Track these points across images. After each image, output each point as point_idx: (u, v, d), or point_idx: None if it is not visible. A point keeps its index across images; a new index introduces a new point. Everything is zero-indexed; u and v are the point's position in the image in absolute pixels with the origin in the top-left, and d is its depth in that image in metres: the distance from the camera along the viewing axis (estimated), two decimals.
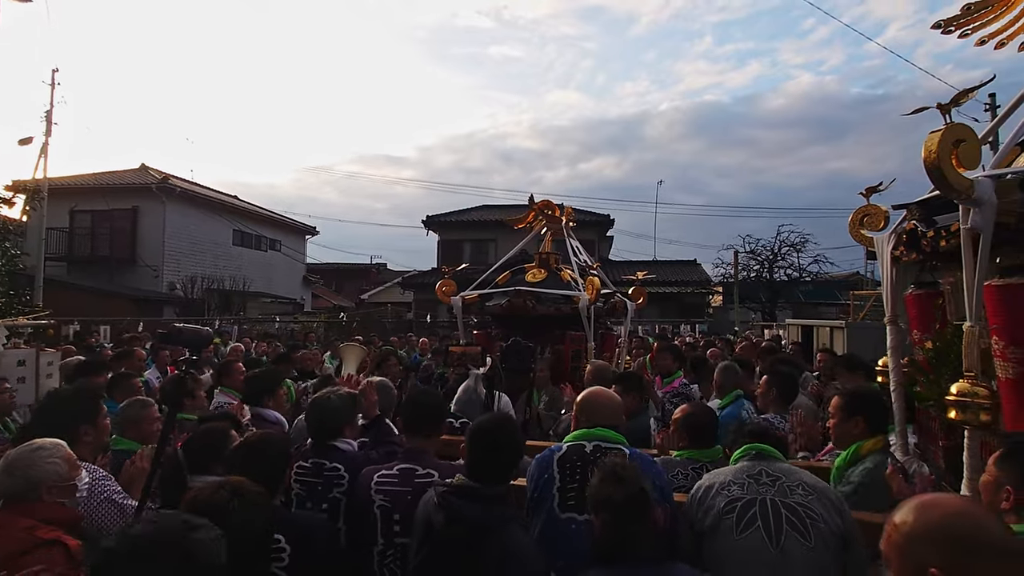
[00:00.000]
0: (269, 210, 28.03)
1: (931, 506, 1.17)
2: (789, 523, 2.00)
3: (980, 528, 1.10)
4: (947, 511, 1.14)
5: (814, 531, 1.98)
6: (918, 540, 1.13)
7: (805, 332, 11.03)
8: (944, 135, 1.94)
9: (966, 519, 1.12)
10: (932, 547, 1.11)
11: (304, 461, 2.82)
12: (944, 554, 1.09)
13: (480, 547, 1.95)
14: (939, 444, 2.79)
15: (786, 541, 1.97)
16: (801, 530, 1.98)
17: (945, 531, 1.11)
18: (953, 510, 1.15)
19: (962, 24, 2.69)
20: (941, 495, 1.36)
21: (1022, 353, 1.96)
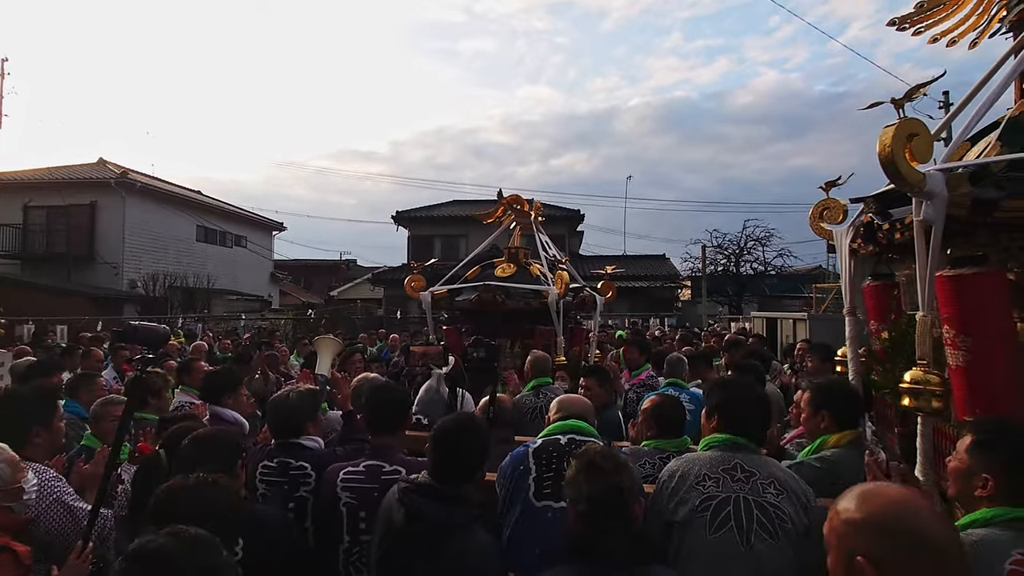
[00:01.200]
0: (234, 205, 27.45)
1: (872, 495, 1.16)
2: (759, 523, 2.03)
3: (914, 521, 1.08)
4: (886, 501, 1.13)
5: (782, 531, 2.02)
6: (852, 527, 1.12)
7: (770, 324, 11.28)
8: (898, 129, 1.98)
9: (902, 511, 1.10)
10: (864, 535, 1.10)
11: (269, 461, 2.77)
12: (873, 544, 1.08)
13: (439, 547, 1.94)
14: (894, 431, 2.87)
15: (756, 541, 2.00)
16: (770, 530, 2.02)
17: (879, 521, 1.10)
18: (892, 500, 1.13)
19: (916, 21, 2.77)
20: (884, 485, 1.36)
21: (971, 342, 2.02)
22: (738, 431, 2.25)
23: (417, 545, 1.97)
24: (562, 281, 5.65)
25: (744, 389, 2.40)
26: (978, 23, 2.70)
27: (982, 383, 2.03)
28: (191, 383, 4.74)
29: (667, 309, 23.05)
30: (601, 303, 6.63)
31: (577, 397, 2.69)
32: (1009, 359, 2.05)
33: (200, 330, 13.39)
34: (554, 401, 2.71)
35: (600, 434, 2.66)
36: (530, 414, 3.96)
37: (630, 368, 5.40)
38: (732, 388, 2.43)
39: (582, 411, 2.57)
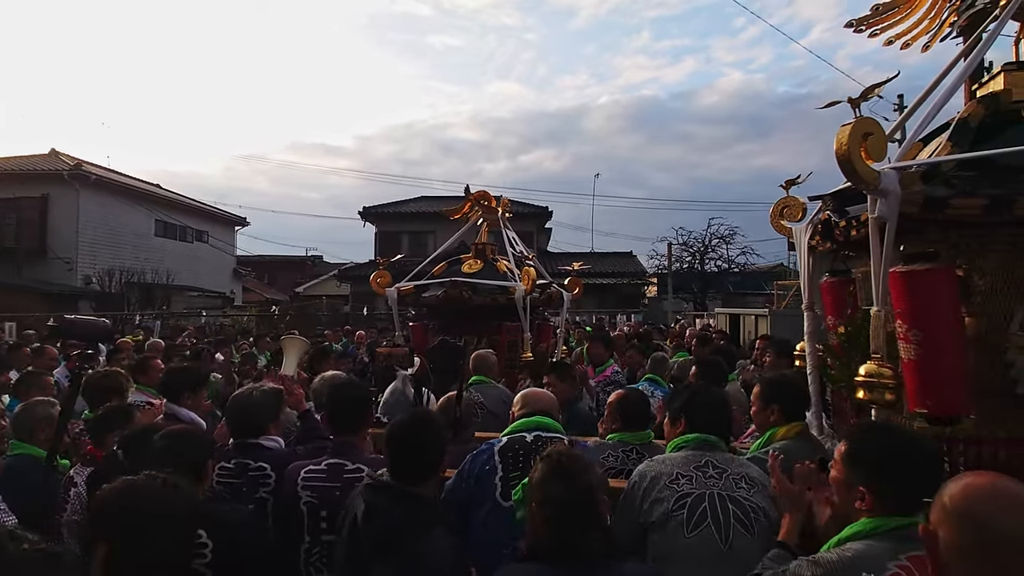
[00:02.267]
0: (195, 199, 26.76)
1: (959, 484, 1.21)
2: (736, 518, 2.06)
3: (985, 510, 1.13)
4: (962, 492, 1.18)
5: (757, 526, 2.06)
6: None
7: (732, 320, 11.51)
8: (854, 128, 2.03)
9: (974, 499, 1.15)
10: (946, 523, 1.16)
11: (227, 462, 2.70)
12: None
13: (397, 547, 1.90)
14: (850, 423, 2.94)
15: (735, 538, 2.03)
16: (746, 524, 2.06)
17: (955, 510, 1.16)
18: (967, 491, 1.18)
19: (872, 24, 2.84)
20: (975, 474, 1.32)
21: (923, 336, 2.08)
22: (707, 430, 2.29)
23: (376, 544, 1.94)
24: (529, 277, 5.65)
25: (708, 392, 2.50)
26: (930, 27, 2.78)
27: (932, 375, 2.09)
28: (147, 382, 4.60)
29: (634, 306, 23.31)
30: (568, 299, 6.65)
31: (541, 391, 2.67)
32: (957, 352, 2.12)
33: (157, 328, 12.99)
34: (518, 395, 2.68)
35: (570, 429, 2.68)
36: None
37: (594, 364, 5.43)
38: (696, 391, 2.51)
39: (547, 406, 2.56)
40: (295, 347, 3.91)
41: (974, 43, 2.48)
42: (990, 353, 2.26)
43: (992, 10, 2.54)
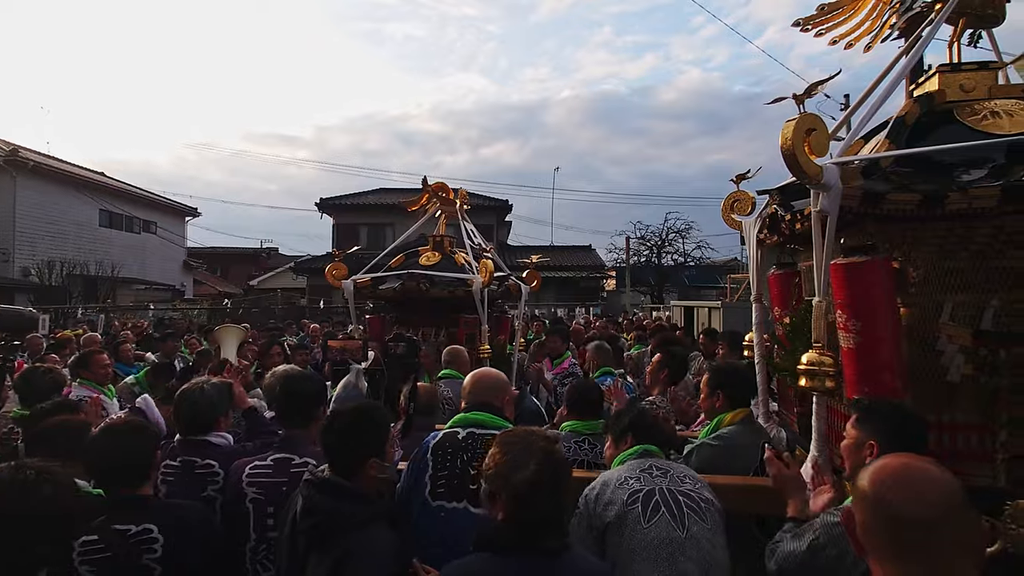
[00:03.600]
0: (142, 188, 25.78)
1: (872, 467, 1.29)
2: (689, 508, 2.10)
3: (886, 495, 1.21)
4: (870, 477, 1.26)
5: (708, 514, 2.11)
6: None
7: (687, 313, 11.78)
8: (797, 124, 2.08)
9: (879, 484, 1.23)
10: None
11: (172, 460, 2.63)
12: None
13: (333, 543, 1.87)
14: (794, 410, 3.05)
15: (691, 524, 2.07)
16: (700, 512, 2.10)
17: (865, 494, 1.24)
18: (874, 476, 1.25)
19: (818, 23, 2.92)
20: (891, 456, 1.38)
21: (861, 325, 2.16)
22: (648, 442, 2.35)
23: (312, 540, 1.91)
24: (487, 270, 5.64)
25: (645, 410, 2.58)
26: (872, 28, 2.87)
27: (869, 363, 2.18)
28: (90, 376, 4.44)
29: (592, 298, 23.59)
30: (526, 292, 6.67)
31: (488, 371, 2.60)
32: (894, 341, 2.20)
33: (101, 321, 12.48)
34: (467, 378, 2.60)
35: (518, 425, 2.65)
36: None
37: (551, 357, 5.47)
38: (638, 409, 2.56)
39: (490, 387, 2.47)
40: (231, 336, 3.82)
41: (912, 44, 2.59)
42: (923, 342, 2.36)
43: (928, 13, 2.65)
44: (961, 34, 2.64)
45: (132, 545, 1.99)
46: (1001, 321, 2.19)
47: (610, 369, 4.72)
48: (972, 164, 2.28)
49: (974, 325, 2.22)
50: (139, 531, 2.02)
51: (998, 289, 2.24)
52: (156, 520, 2.06)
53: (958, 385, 2.24)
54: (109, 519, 2.04)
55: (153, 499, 2.23)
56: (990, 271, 2.26)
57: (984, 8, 2.55)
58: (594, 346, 5.17)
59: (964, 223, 2.23)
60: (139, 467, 2.18)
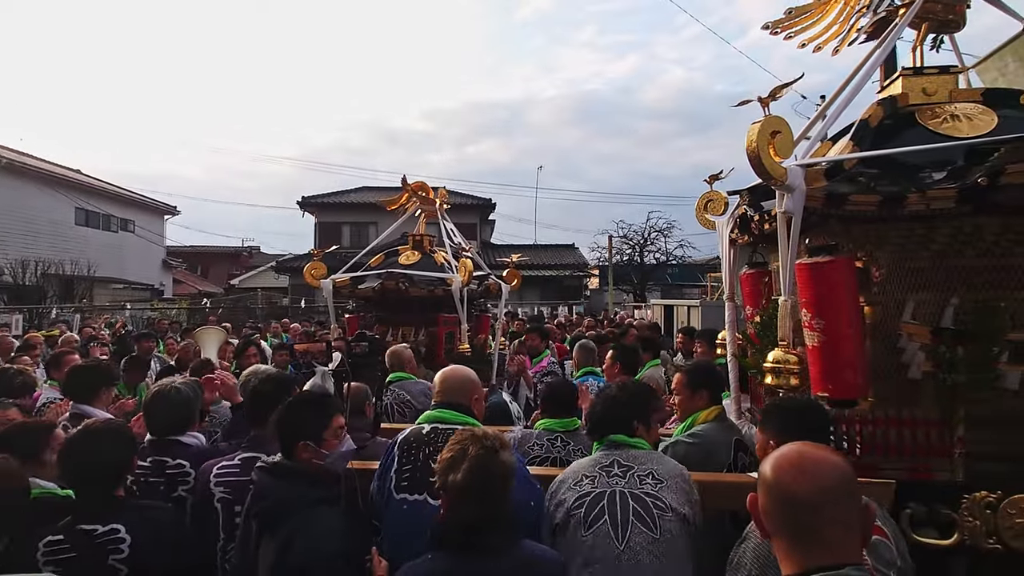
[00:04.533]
0: (119, 186, 25.36)
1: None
2: (636, 515, 2.00)
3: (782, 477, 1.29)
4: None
5: (661, 522, 1.99)
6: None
7: (667, 311, 11.89)
8: (762, 126, 2.13)
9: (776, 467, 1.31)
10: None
11: (142, 460, 2.61)
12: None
13: (280, 524, 1.93)
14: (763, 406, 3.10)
15: (632, 535, 1.97)
16: (647, 521, 1.99)
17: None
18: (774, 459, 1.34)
19: (787, 27, 2.96)
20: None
21: (825, 323, 2.21)
22: (612, 431, 2.28)
23: (262, 523, 1.96)
24: (466, 269, 5.65)
25: (607, 396, 2.47)
26: (840, 31, 2.92)
27: (833, 361, 2.23)
28: (60, 378, 4.37)
29: (575, 297, 23.68)
30: (507, 291, 6.69)
31: (456, 369, 2.60)
32: (857, 339, 2.25)
33: (76, 322, 12.28)
34: (436, 377, 2.60)
35: (486, 423, 2.65)
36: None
37: (530, 355, 5.49)
38: (599, 399, 2.50)
39: (456, 385, 2.47)
40: (212, 337, 3.80)
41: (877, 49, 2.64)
42: (886, 340, 2.41)
43: (893, 18, 2.71)
44: (924, 39, 2.70)
45: (98, 545, 1.98)
46: (960, 319, 2.25)
47: (594, 369, 4.75)
48: (935, 166, 2.34)
49: (935, 323, 2.28)
50: (106, 531, 2.01)
51: (957, 288, 2.30)
52: (124, 520, 2.06)
53: (919, 382, 2.30)
54: (76, 519, 2.04)
55: (123, 500, 2.21)
56: (950, 270, 2.33)
57: (946, 14, 2.61)
58: (578, 345, 5.22)
59: (925, 224, 2.28)
60: (115, 469, 2.18)
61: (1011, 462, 2.18)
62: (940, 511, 2.12)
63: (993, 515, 2.07)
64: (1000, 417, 2.21)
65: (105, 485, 2.13)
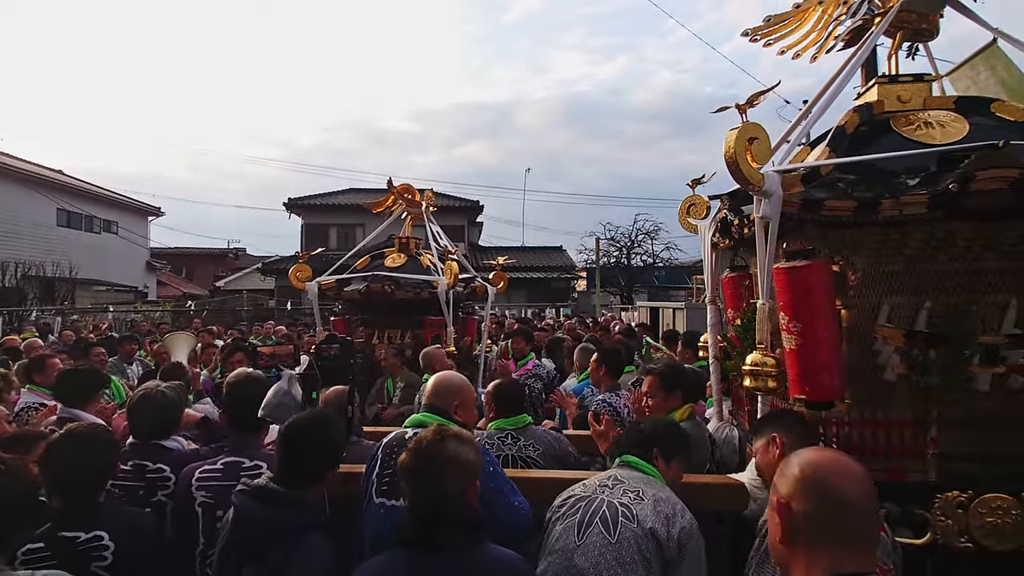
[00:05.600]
0: (103, 187, 25.09)
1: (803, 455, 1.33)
2: (601, 518, 2.01)
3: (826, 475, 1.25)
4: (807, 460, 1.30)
5: (620, 529, 1.97)
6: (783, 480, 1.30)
7: (653, 313, 11.97)
8: (740, 133, 2.16)
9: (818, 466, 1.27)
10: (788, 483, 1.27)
11: (123, 463, 2.59)
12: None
13: (266, 552, 1.86)
14: (745, 409, 3.13)
15: (590, 534, 1.99)
16: (609, 524, 1.99)
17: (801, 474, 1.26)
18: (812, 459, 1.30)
19: (766, 34, 3.01)
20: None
21: (802, 327, 2.24)
22: (627, 451, 2.26)
23: (245, 550, 1.90)
24: (452, 271, 5.67)
25: (636, 423, 2.54)
26: (818, 39, 2.97)
27: (810, 364, 2.26)
28: (42, 382, 4.31)
29: (563, 299, 23.73)
30: (493, 293, 6.71)
31: (444, 375, 2.60)
32: (833, 342, 2.29)
33: (58, 324, 12.11)
34: (428, 382, 2.62)
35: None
36: None
37: (515, 358, 5.51)
38: (632, 426, 2.57)
39: (440, 390, 2.48)
40: (181, 343, 3.77)
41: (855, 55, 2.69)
42: (862, 342, 2.45)
43: (869, 26, 2.76)
44: (899, 47, 2.75)
45: (80, 553, 1.96)
46: (933, 323, 2.29)
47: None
48: (910, 172, 2.38)
49: (909, 326, 2.32)
50: (89, 538, 1.99)
51: (930, 292, 2.34)
52: (108, 527, 2.03)
53: (894, 384, 2.34)
54: (57, 526, 2.01)
55: (106, 506, 2.20)
56: (923, 274, 2.37)
57: (920, 23, 2.66)
58: (579, 349, 5.25)
59: (898, 229, 2.33)
60: (97, 474, 2.16)
61: (982, 462, 2.23)
62: (914, 511, 2.16)
63: (964, 514, 2.11)
64: (972, 418, 2.25)
65: (87, 491, 2.11)
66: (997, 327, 2.24)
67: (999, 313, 2.26)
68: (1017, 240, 2.31)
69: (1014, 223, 2.26)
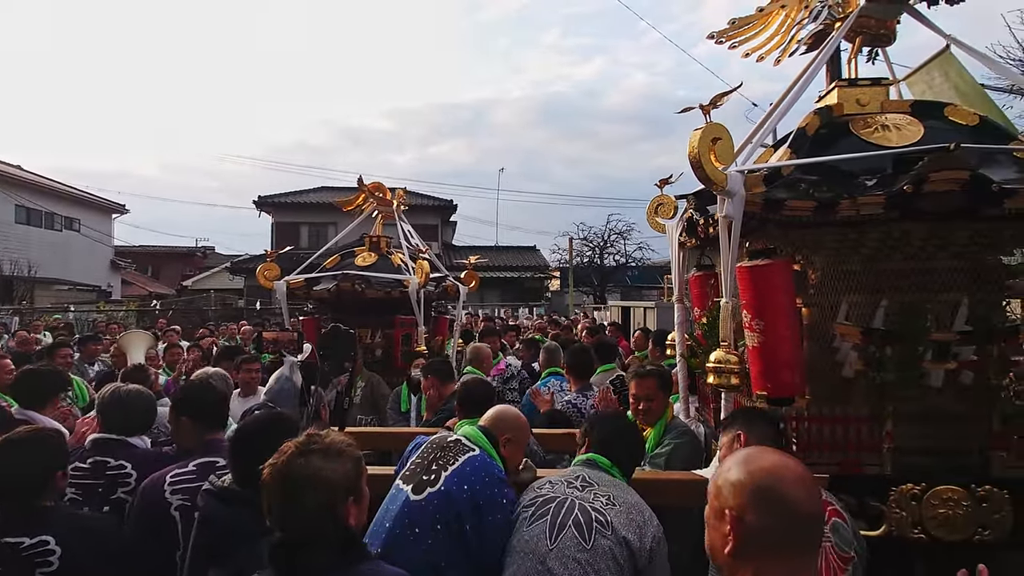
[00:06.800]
0: (64, 183, 24.37)
1: (748, 457, 1.26)
2: (575, 522, 2.01)
3: (782, 488, 1.17)
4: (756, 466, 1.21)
5: (595, 536, 1.98)
6: (731, 487, 1.20)
7: (624, 312, 12.09)
8: (703, 133, 2.19)
9: (768, 473, 1.19)
10: (737, 496, 1.19)
11: (81, 462, 2.55)
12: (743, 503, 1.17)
13: (231, 555, 1.83)
14: (710, 406, 3.18)
15: (563, 539, 1.98)
16: (583, 530, 1.99)
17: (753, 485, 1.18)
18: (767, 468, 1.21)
19: (731, 37, 3.05)
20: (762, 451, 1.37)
21: (764, 324, 2.29)
22: (603, 454, 2.30)
23: (210, 553, 1.87)
24: (423, 271, 5.64)
25: (609, 419, 2.57)
26: (781, 42, 3.02)
27: (772, 361, 2.31)
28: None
29: (536, 299, 23.81)
30: (464, 293, 6.69)
31: (512, 409, 2.61)
32: (794, 339, 2.34)
33: (15, 324, 11.72)
34: (496, 407, 2.61)
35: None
36: None
37: None
38: (600, 418, 2.60)
39: (502, 423, 2.45)
40: (138, 342, 3.70)
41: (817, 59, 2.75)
42: (822, 340, 2.51)
43: (830, 31, 2.82)
44: (858, 52, 2.82)
45: (24, 559, 1.91)
46: (889, 320, 2.36)
47: (558, 369, 4.79)
48: (869, 174, 2.44)
49: (866, 324, 2.38)
50: (33, 543, 1.94)
51: (886, 290, 2.41)
52: (55, 531, 1.99)
53: (851, 380, 2.40)
54: (0, 531, 1.96)
55: (54, 509, 2.14)
56: (879, 274, 2.44)
57: (878, 28, 2.72)
58: (543, 348, 5.28)
59: (856, 229, 2.39)
60: (38, 479, 2.11)
61: (935, 455, 2.30)
62: (870, 503, 2.22)
63: (918, 506, 2.18)
64: (925, 413, 2.32)
65: (28, 496, 2.06)
66: (949, 324, 2.31)
67: (951, 311, 2.33)
68: (968, 240, 2.39)
69: (965, 224, 2.33)
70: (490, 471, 2.25)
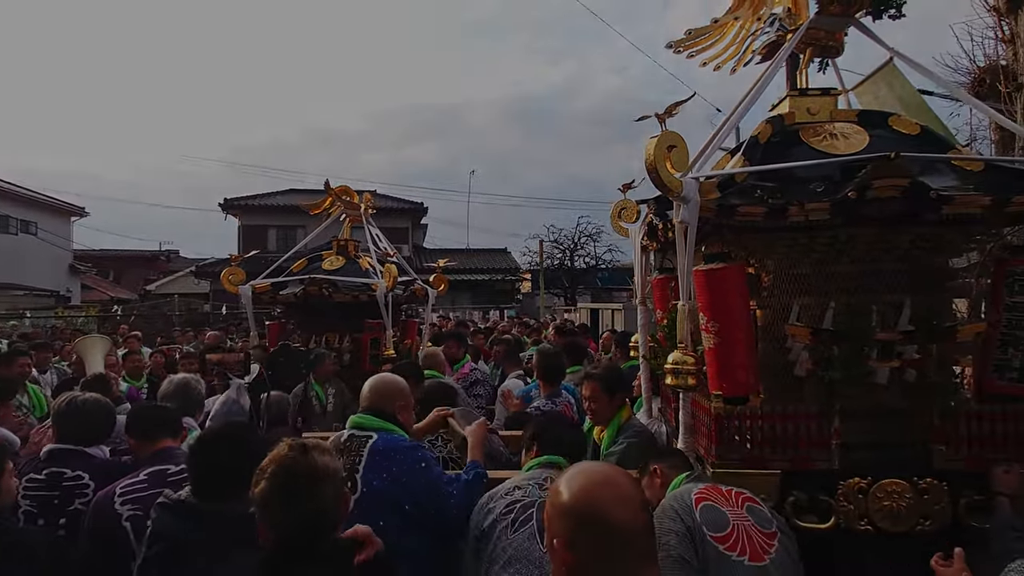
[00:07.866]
0: (19, 185, 23.52)
1: (573, 479, 1.21)
2: None
3: (599, 505, 1.15)
4: (580, 486, 1.18)
5: None
6: (556, 511, 1.18)
7: (593, 314, 12.24)
8: (659, 141, 2.26)
9: (591, 496, 1.16)
10: (561, 520, 1.17)
11: (36, 473, 2.49)
12: (567, 528, 1.16)
13: (187, 570, 1.80)
14: (672, 407, 3.26)
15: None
16: None
17: (572, 507, 1.16)
18: (584, 486, 1.18)
19: (688, 46, 3.14)
20: (589, 466, 1.37)
21: (719, 326, 2.37)
22: (555, 452, 2.37)
23: (163, 568, 1.84)
24: (390, 274, 5.64)
25: (558, 417, 2.60)
26: (737, 52, 3.13)
27: (727, 361, 2.39)
28: None
29: (507, 301, 23.86)
30: (433, 296, 6.70)
31: (383, 377, 2.60)
32: (748, 341, 2.43)
33: None
34: (365, 384, 2.60)
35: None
36: None
37: (450, 362, 5.52)
38: (546, 417, 2.62)
39: (380, 392, 2.48)
40: (96, 347, 3.63)
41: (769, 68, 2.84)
42: (775, 341, 2.60)
43: (783, 41, 2.92)
44: (809, 62, 2.93)
45: None
46: (838, 320, 2.45)
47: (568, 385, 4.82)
48: (819, 181, 2.54)
49: (816, 325, 2.48)
50: None
51: (834, 292, 2.51)
52: None
53: (803, 379, 2.49)
54: None
55: None
56: (828, 276, 2.54)
57: (827, 40, 2.84)
58: (540, 350, 5.33)
59: (806, 233, 2.48)
60: None
61: (880, 450, 2.40)
62: (820, 498, 2.31)
63: (864, 499, 2.27)
64: (871, 410, 2.42)
65: None
66: (894, 324, 2.41)
67: (895, 311, 2.44)
68: (911, 244, 2.50)
69: (907, 228, 2.44)
70: (396, 446, 2.32)
